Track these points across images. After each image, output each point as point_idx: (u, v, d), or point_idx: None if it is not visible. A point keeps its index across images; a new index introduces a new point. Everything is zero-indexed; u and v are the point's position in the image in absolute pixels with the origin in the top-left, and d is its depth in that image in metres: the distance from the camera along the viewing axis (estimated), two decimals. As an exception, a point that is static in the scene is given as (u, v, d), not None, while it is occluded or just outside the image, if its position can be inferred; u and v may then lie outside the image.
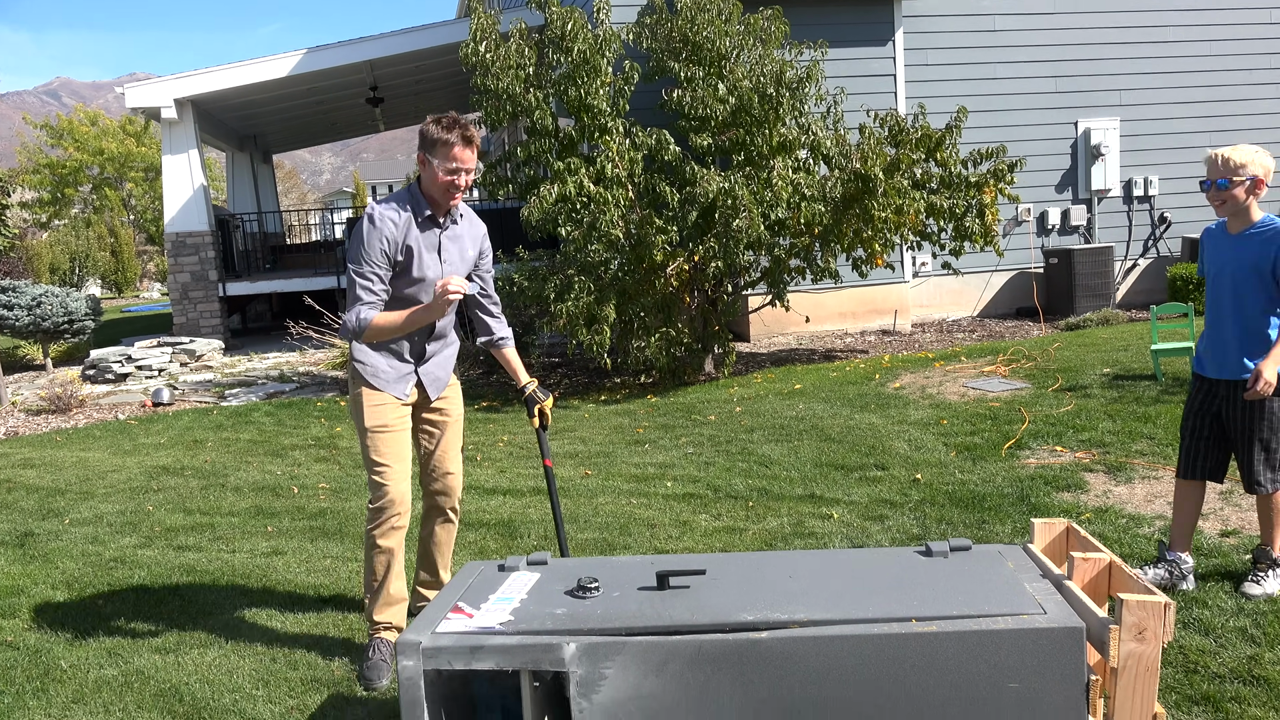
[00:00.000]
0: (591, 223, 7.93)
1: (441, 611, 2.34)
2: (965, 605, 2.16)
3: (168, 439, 7.78)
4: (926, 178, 8.65)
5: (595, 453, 6.43)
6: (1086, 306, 10.97)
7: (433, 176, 3.39)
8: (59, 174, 35.29)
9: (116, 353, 11.40)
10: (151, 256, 35.53)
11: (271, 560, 4.71)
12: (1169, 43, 11.69)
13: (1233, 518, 4.38)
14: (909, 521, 4.63)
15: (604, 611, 2.25)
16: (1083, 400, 6.66)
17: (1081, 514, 4.57)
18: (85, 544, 5.15)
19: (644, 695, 2.11)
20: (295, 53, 13.27)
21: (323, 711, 3.19)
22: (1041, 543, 2.61)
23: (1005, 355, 8.52)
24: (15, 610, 4.25)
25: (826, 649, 2.07)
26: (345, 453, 6.93)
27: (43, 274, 26.20)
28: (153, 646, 3.78)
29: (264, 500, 5.81)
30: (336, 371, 10.72)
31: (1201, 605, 3.52)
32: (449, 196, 3.43)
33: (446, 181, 3.38)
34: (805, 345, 10.39)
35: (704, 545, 4.53)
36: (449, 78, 16.11)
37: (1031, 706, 2.04)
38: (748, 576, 2.43)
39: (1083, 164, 11.64)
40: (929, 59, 11.03)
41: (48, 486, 6.42)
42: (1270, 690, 2.93)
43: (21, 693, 3.47)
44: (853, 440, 6.17)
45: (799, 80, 8.41)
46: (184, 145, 13.40)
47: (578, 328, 7.95)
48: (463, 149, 3.36)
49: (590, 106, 8.15)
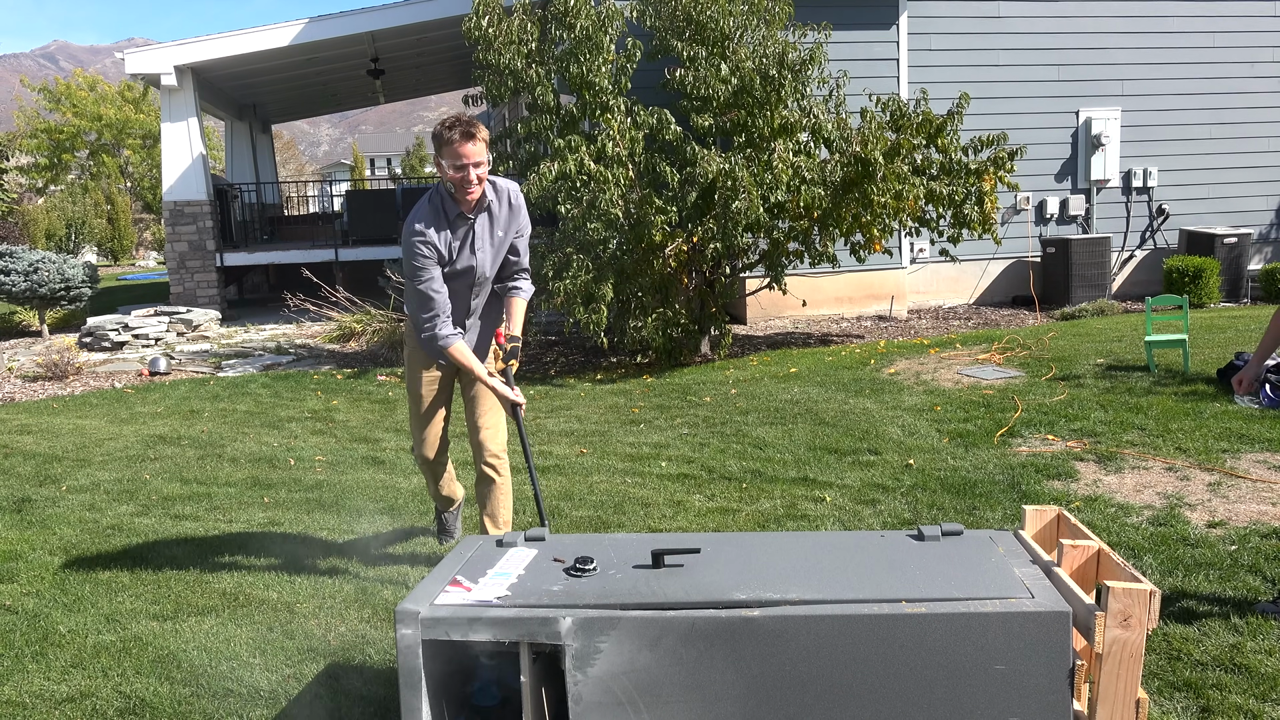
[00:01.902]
0: (591, 201, 7.93)
1: (440, 584, 2.38)
2: (955, 588, 2.20)
3: (164, 408, 7.80)
4: (927, 164, 8.65)
5: (591, 431, 6.47)
6: (1082, 296, 11.01)
7: (445, 175, 3.59)
8: (56, 139, 35.04)
9: (113, 321, 11.40)
10: (148, 225, 35.37)
11: (268, 531, 4.75)
12: (1172, 33, 11.67)
13: (1220, 509, 4.43)
14: (901, 506, 4.68)
15: (600, 587, 2.29)
16: (1076, 390, 6.70)
17: (1071, 502, 4.62)
18: (82, 511, 5.18)
19: (638, 669, 2.15)
20: (297, 22, 13.20)
21: (319, 680, 3.23)
22: (1032, 529, 2.66)
23: (1000, 343, 8.56)
24: (13, 575, 4.28)
25: (818, 628, 2.11)
26: (341, 426, 6.96)
27: (39, 240, 26.08)
28: (150, 614, 3.82)
29: (260, 471, 5.84)
30: (333, 345, 10.73)
31: (1185, 594, 3.57)
32: (464, 191, 3.60)
33: (456, 178, 3.56)
34: (801, 329, 10.42)
35: (698, 525, 4.57)
36: (451, 51, 16.03)
37: (1017, 688, 2.09)
38: (741, 556, 2.47)
39: (1083, 153, 11.64)
40: (932, 44, 11.00)
41: (45, 453, 6.45)
42: (1251, 678, 2.98)
43: (20, 656, 3.51)
44: (847, 424, 6.21)
45: (802, 62, 8.39)
46: (183, 113, 13.34)
47: (575, 306, 7.97)
48: (463, 144, 3.52)
49: (592, 84, 8.13)
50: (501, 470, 3.96)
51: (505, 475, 3.97)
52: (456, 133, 3.50)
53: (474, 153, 3.52)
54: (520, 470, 5.13)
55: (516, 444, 4.35)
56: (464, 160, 3.51)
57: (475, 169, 3.54)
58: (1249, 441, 5.34)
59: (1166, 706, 2.86)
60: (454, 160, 3.52)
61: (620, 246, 8.19)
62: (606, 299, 7.91)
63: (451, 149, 3.51)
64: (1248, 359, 6.29)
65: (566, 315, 8.15)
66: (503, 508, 3.99)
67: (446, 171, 3.56)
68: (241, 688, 3.21)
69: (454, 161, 3.52)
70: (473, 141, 3.51)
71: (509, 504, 4.03)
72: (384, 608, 3.78)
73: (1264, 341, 3.53)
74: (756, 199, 7.79)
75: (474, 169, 3.54)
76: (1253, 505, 4.46)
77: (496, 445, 3.94)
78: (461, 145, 3.50)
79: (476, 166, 3.54)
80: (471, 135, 3.51)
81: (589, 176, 8.00)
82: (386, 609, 3.76)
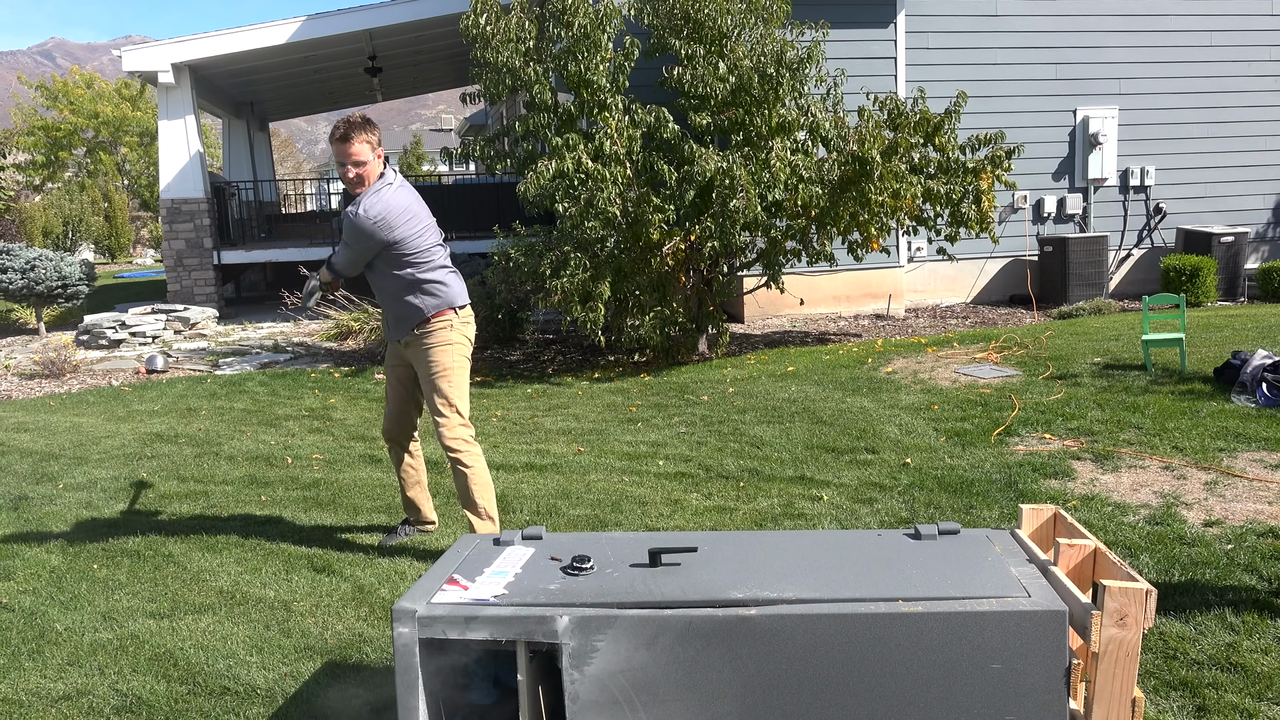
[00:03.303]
0: (589, 199, 7.93)
1: (437, 582, 2.38)
2: (951, 587, 2.20)
3: (161, 406, 7.79)
4: (924, 162, 8.65)
5: (588, 430, 6.47)
6: (1080, 295, 11.02)
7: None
8: (53, 136, 34.97)
9: (110, 319, 11.39)
10: (145, 222, 35.31)
11: (265, 529, 4.74)
12: (1170, 32, 11.68)
13: (1217, 508, 4.44)
14: (898, 505, 4.68)
15: (597, 586, 2.29)
16: (1073, 389, 6.71)
17: (1068, 501, 4.63)
18: (79, 509, 5.17)
19: (635, 668, 2.15)
20: (294, 19, 13.18)
21: (316, 679, 3.23)
22: (1029, 528, 2.66)
23: (997, 342, 8.57)
24: (10, 573, 4.28)
25: (815, 626, 2.12)
26: (339, 424, 6.96)
27: (36, 237, 26.02)
28: (147, 611, 3.82)
29: (258, 470, 5.83)
30: (331, 343, 10.73)
31: (1182, 593, 3.57)
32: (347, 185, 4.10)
33: (340, 173, 4.06)
34: (799, 328, 10.43)
35: (695, 524, 4.58)
36: (448, 49, 16.02)
37: (1014, 687, 2.09)
38: (738, 555, 2.47)
39: (1080, 152, 11.65)
40: (930, 42, 11.01)
41: (41, 451, 6.44)
42: (1247, 677, 2.99)
43: (17, 654, 3.50)
44: (844, 423, 6.22)
45: (799, 61, 8.39)
46: (180, 111, 13.32)
47: (572, 305, 7.97)
48: (339, 145, 3.99)
49: (590, 82, 8.13)
50: (466, 459, 4.11)
51: (471, 462, 4.13)
52: (336, 133, 3.99)
53: (351, 152, 3.97)
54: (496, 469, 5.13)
55: (516, 444, 4.36)
56: (344, 159, 4.00)
57: (354, 167, 3.99)
58: (1246, 440, 5.35)
59: (1163, 705, 2.87)
60: (338, 158, 4.04)
61: (618, 245, 8.19)
62: (604, 297, 7.91)
63: (335, 147, 4.02)
64: (1245, 358, 6.30)
65: (564, 314, 8.15)
66: (478, 496, 4.13)
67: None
68: (238, 686, 3.21)
69: (338, 159, 4.03)
70: (347, 143, 3.96)
71: (484, 491, 4.14)
72: (381, 606, 3.78)
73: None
74: (754, 197, 7.79)
75: (354, 167, 3.98)
76: (1249, 504, 4.47)
77: (448, 436, 4.11)
78: (338, 146, 3.99)
79: (357, 165, 3.99)
80: (348, 137, 3.96)
81: (586, 175, 7.99)
82: (383, 607, 3.76)
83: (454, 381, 4.14)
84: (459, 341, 4.17)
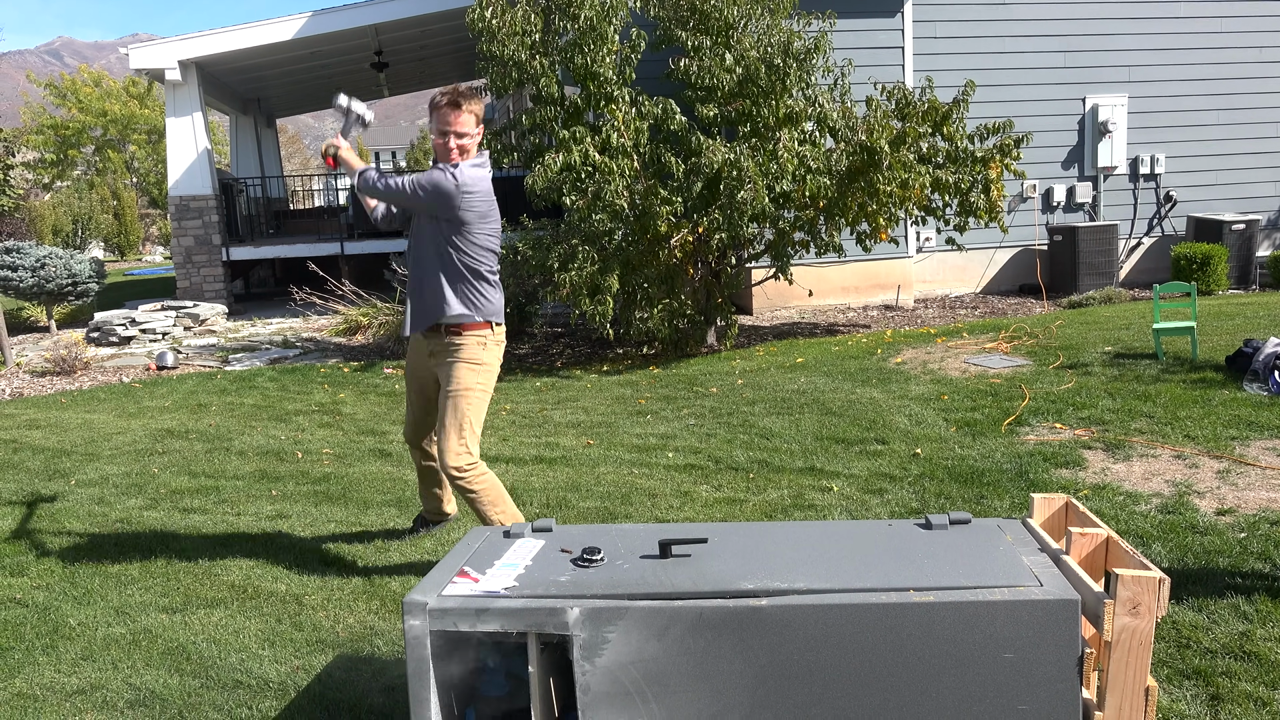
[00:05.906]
0: (596, 192, 7.91)
1: (448, 575, 2.38)
2: (963, 577, 2.19)
3: (172, 402, 7.82)
4: (933, 152, 8.61)
5: (597, 423, 6.47)
6: (1090, 284, 10.97)
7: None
8: (62, 135, 35.12)
9: (120, 315, 11.43)
10: (154, 220, 35.42)
11: (276, 523, 4.76)
12: (1179, 19, 11.60)
13: (1229, 496, 4.42)
14: (908, 495, 4.67)
15: (607, 577, 2.29)
16: (1083, 378, 6.68)
17: (1079, 490, 4.61)
18: (91, 505, 5.20)
19: (646, 659, 2.15)
20: (300, 15, 13.19)
21: (328, 671, 3.24)
22: (1040, 517, 2.65)
23: (1007, 332, 8.54)
24: (24, 569, 4.30)
25: (826, 617, 2.11)
26: (349, 419, 6.97)
27: (46, 236, 26.14)
28: (159, 606, 3.83)
29: (268, 464, 5.85)
30: (340, 338, 10.75)
31: (1195, 582, 3.56)
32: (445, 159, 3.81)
33: (437, 145, 3.79)
34: (808, 319, 10.41)
35: (705, 515, 4.57)
36: (454, 43, 16.01)
37: (1026, 677, 2.08)
38: (749, 546, 2.46)
39: (1089, 141, 11.59)
40: (937, 31, 10.95)
41: (53, 447, 6.47)
42: (1260, 665, 2.97)
43: (31, 649, 3.52)
44: (853, 414, 6.20)
45: (806, 51, 8.36)
46: (188, 108, 13.35)
47: (581, 298, 7.96)
48: (448, 111, 3.74)
49: (596, 74, 8.11)
50: (470, 484, 3.84)
51: (477, 486, 3.85)
52: (443, 99, 3.71)
53: (458, 121, 3.71)
54: (498, 462, 5.12)
55: (526, 438, 4.35)
56: (445, 127, 3.72)
57: (457, 139, 3.72)
58: (1258, 429, 5.32)
59: (1176, 694, 2.85)
60: (439, 125, 3.76)
61: (626, 237, 8.18)
62: (612, 290, 7.91)
63: (438, 113, 3.74)
64: (1257, 346, 6.26)
65: (572, 307, 8.14)
66: (492, 514, 3.88)
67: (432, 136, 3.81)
68: (250, 679, 3.23)
69: (439, 127, 3.76)
70: (457, 109, 3.70)
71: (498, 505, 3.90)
72: (392, 599, 3.78)
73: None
74: (762, 189, 7.77)
75: (456, 139, 3.72)
76: (1262, 492, 4.45)
77: (450, 463, 3.82)
78: (443, 113, 3.71)
79: (459, 137, 3.72)
80: (457, 104, 3.69)
81: (594, 167, 7.98)
82: (394, 600, 3.77)
83: (473, 404, 3.87)
84: (489, 363, 3.93)
